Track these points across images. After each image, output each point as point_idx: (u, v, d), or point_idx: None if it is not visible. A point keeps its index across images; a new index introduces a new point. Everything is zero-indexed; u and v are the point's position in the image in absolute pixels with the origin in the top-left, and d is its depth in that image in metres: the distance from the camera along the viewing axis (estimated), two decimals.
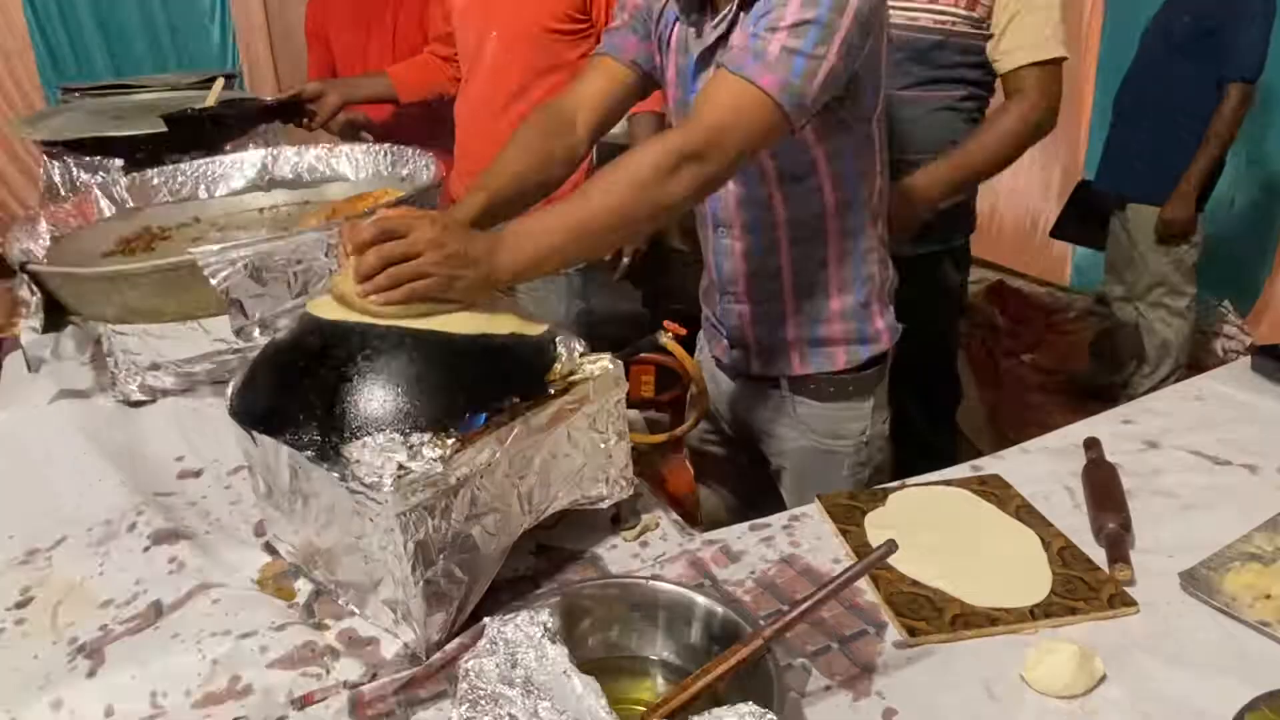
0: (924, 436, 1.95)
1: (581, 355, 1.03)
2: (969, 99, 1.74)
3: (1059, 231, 3.44)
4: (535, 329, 1.02)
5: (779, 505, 1.54)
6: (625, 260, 2.27)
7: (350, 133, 2.56)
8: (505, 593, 1.01)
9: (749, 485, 1.63)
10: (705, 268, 1.45)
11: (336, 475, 0.87)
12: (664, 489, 1.71)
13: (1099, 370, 3.31)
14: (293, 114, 2.23)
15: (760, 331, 1.38)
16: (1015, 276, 4.26)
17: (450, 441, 0.88)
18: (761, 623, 0.83)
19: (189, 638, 0.93)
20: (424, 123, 2.45)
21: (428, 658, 0.91)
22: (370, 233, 0.96)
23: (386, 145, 1.85)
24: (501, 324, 1.00)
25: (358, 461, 0.87)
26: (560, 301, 2.17)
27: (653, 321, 3.86)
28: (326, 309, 1.00)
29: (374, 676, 0.90)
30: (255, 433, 0.96)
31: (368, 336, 0.93)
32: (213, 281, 1.23)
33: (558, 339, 1.04)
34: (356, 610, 0.98)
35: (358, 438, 0.88)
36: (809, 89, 1.06)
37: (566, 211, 1.02)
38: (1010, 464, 1.24)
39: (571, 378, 1.01)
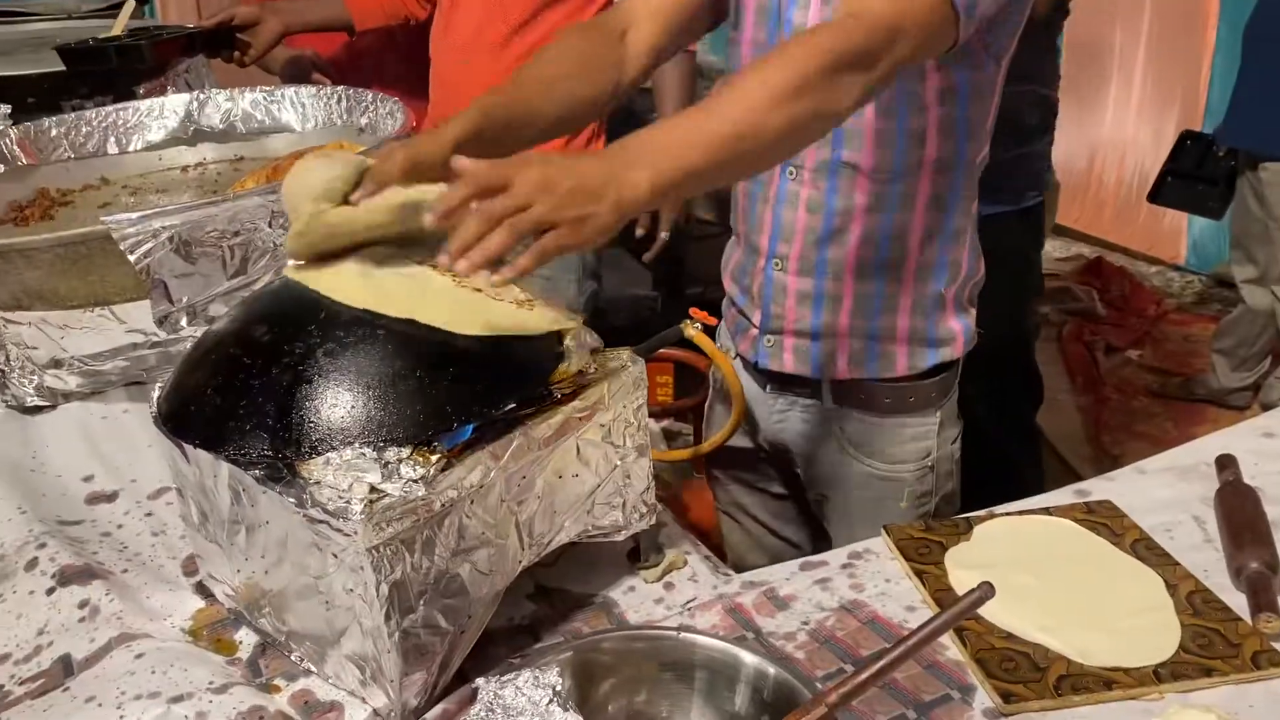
0: (997, 447, 1.96)
1: (594, 351, 1.04)
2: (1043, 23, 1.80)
3: (1158, 194, 3.43)
4: (540, 317, 1.02)
5: (821, 539, 1.54)
6: (663, 235, 2.28)
7: (294, 73, 2.56)
8: (499, 646, 1.02)
9: (784, 516, 1.63)
10: (738, 233, 1.44)
11: (291, 500, 0.87)
12: (686, 518, 1.71)
13: (1224, 370, 3.31)
14: (221, 45, 2.23)
15: (806, 314, 1.37)
16: (1117, 252, 4.27)
17: (434, 458, 0.88)
18: (819, 686, 0.83)
19: (108, 702, 0.93)
20: (387, 60, 2.45)
21: None
22: (461, 193, 0.92)
23: (340, 89, 1.85)
24: (495, 311, 1.00)
25: (318, 483, 0.87)
26: (571, 282, 2.17)
27: (665, 308, 3.87)
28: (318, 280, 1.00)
29: None
30: (188, 446, 0.96)
31: (330, 326, 0.94)
32: (130, 258, 1.24)
33: (565, 330, 1.04)
34: (314, 668, 0.99)
35: (318, 453, 0.88)
36: None
37: (704, 122, 1.00)
38: (1124, 487, 1.24)
39: (582, 379, 1.01)
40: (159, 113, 1.90)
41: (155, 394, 1.03)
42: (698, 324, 1.33)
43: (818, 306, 1.36)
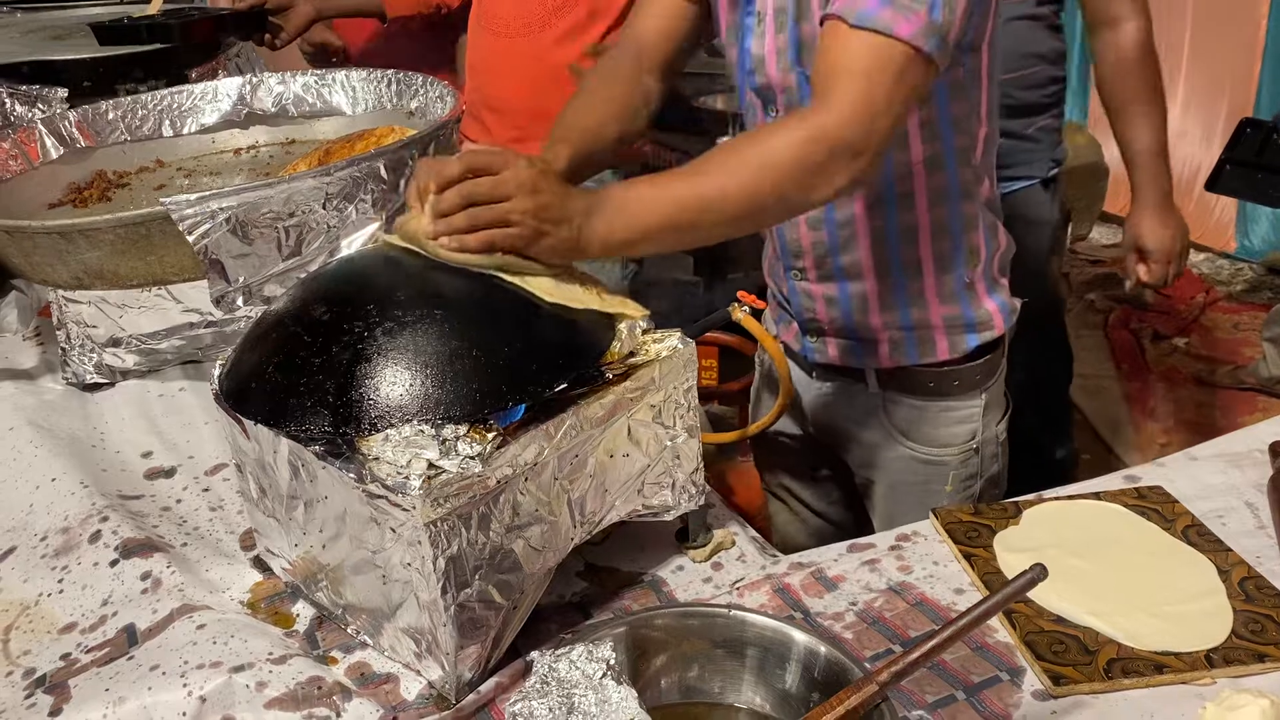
0: (1029, 419, 1.96)
1: (645, 332, 1.04)
2: (1047, 3, 1.85)
3: (1216, 183, 3.37)
4: (593, 299, 1.03)
5: (867, 521, 1.55)
6: None
7: (321, 59, 2.58)
8: (549, 622, 1.03)
9: (829, 498, 1.64)
10: (768, 235, 1.45)
11: (351, 475, 0.89)
12: (731, 500, 1.72)
13: (1275, 359, 3.26)
14: (253, 27, 2.25)
15: (837, 316, 1.38)
16: None
17: (490, 436, 0.89)
18: (868, 666, 0.83)
19: (171, 671, 0.96)
20: (419, 49, 2.46)
21: (458, 700, 0.93)
22: (457, 167, 1.00)
23: (391, 72, 1.86)
24: (551, 290, 1.02)
25: (377, 459, 0.88)
26: (615, 263, 2.18)
27: (707, 293, 3.87)
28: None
29: None
30: (249, 422, 0.98)
31: (388, 306, 0.95)
32: (189, 239, 1.26)
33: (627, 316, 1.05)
34: (369, 641, 1.01)
35: (378, 430, 0.90)
36: (952, 20, 1.06)
37: (678, 187, 1.03)
38: (1175, 472, 1.23)
39: (632, 360, 1.02)
40: (212, 96, 1.92)
41: (216, 371, 1.06)
42: (745, 307, 1.33)
43: (846, 308, 1.37)
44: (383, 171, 1.36)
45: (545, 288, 1.01)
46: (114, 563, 1.12)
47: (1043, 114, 1.95)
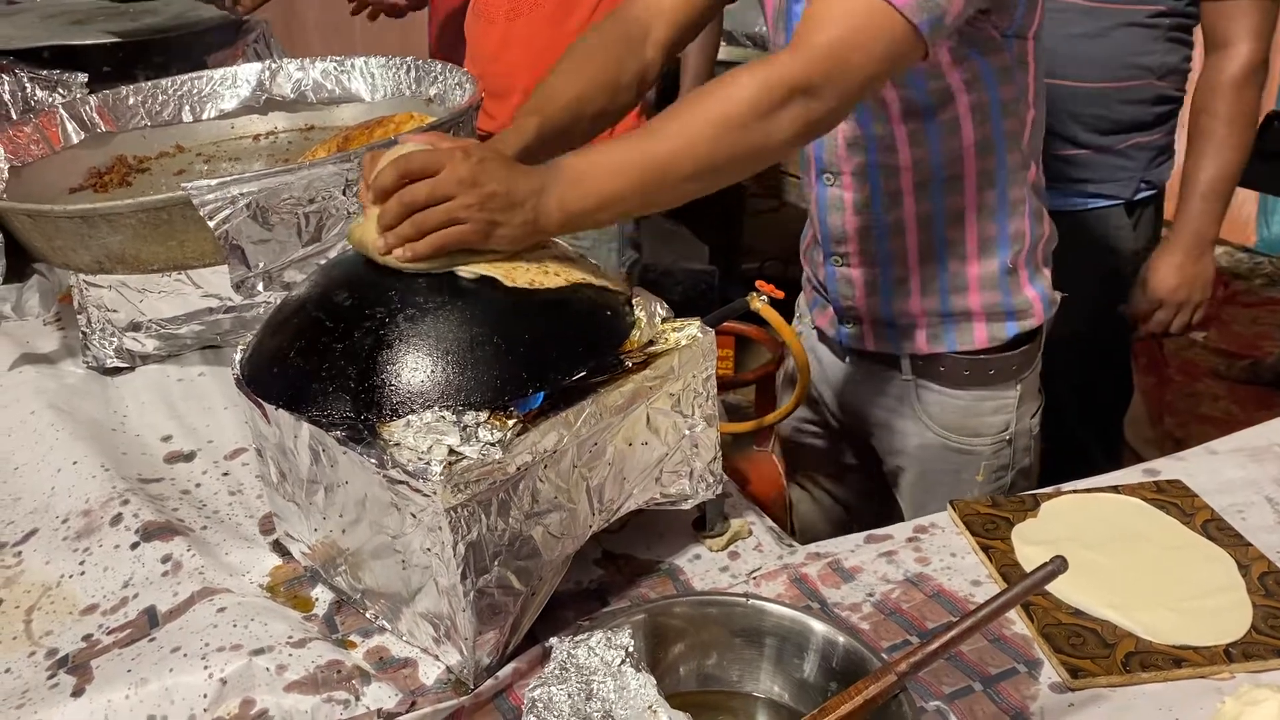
0: (1078, 440, 1.93)
1: (664, 321, 1.05)
2: (1165, 15, 1.71)
3: (1242, 177, 3.36)
4: (609, 285, 1.03)
5: (891, 514, 1.55)
6: None
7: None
8: (567, 609, 1.04)
9: (855, 488, 1.64)
10: (809, 219, 1.45)
11: (372, 461, 0.89)
12: (747, 490, 1.72)
13: None
14: None
15: (876, 303, 1.38)
16: None
17: (511, 423, 0.89)
18: (885, 656, 0.84)
19: (192, 652, 0.97)
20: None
21: (476, 685, 0.94)
22: (390, 176, 0.97)
23: (410, 58, 1.86)
24: (563, 277, 1.02)
25: (398, 444, 0.89)
26: (610, 252, 2.18)
27: (721, 283, 3.85)
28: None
29: (413, 705, 0.93)
30: (270, 407, 0.98)
31: (410, 292, 0.95)
32: (210, 223, 1.27)
33: (635, 299, 1.05)
34: (388, 626, 1.01)
35: (399, 415, 0.90)
36: (949, 5, 1.04)
37: (634, 150, 1.01)
38: (1194, 466, 1.23)
39: (652, 348, 1.02)
40: (232, 82, 1.93)
41: (237, 356, 1.06)
42: (764, 296, 1.33)
43: (886, 295, 1.36)
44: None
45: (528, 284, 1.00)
46: (135, 545, 1.13)
47: (1139, 132, 1.81)
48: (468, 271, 0.98)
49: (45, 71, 2.10)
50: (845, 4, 1.03)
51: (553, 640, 0.86)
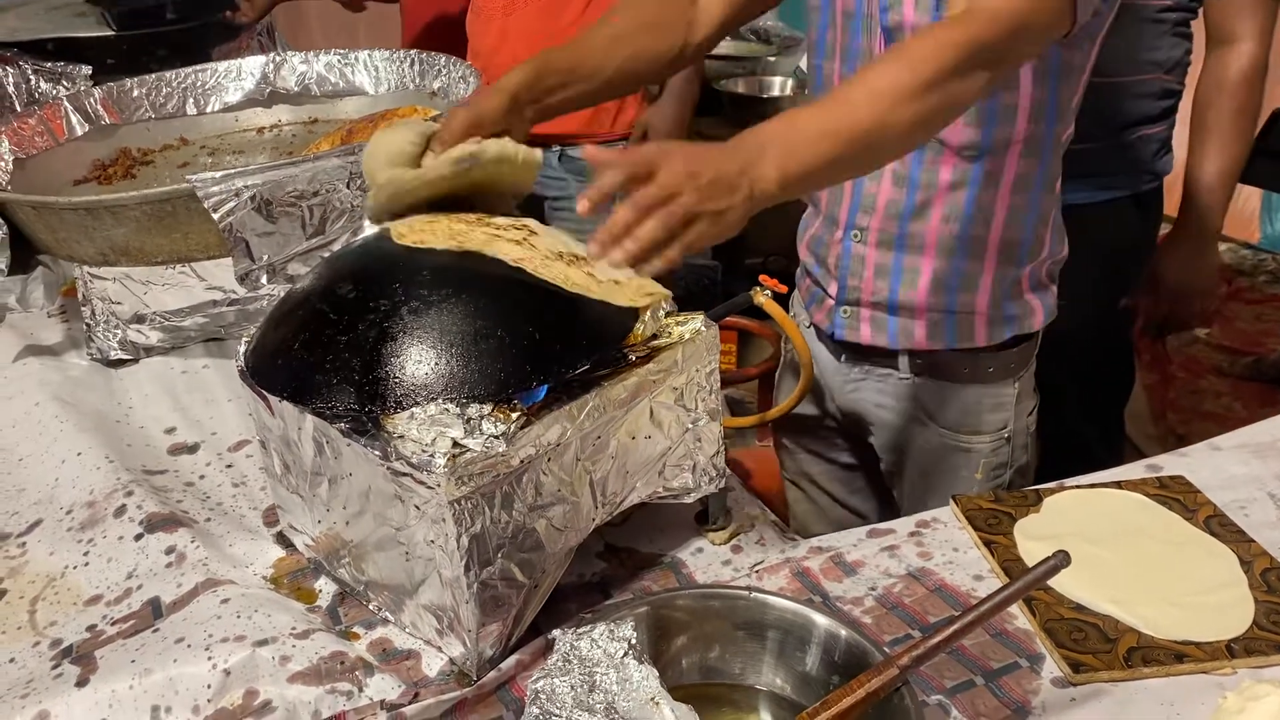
0: (1080, 435, 1.93)
1: (667, 314, 1.05)
2: (1171, 9, 1.72)
3: (1246, 173, 3.35)
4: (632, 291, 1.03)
5: (888, 510, 1.55)
6: None
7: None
8: (570, 601, 1.04)
9: (853, 486, 1.64)
10: (817, 204, 1.44)
11: (376, 453, 0.89)
12: (749, 484, 1.72)
13: None
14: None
15: (884, 287, 1.36)
16: None
17: (514, 416, 0.90)
18: (888, 650, 0.84)
19: (196, 643, 0.97)
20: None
21: (479, 677, 0.94)
22: (612, 179, 0.92)
23: (414, 52, 1.87)
24: (569, 275, 1.02)
25: (402, 437, 0.89)
26: None
27: (725, 278, 3.83)
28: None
29: (415, 697, 0.93)
30: (274, 399, 0.99)
31: (414, 285, 0.96)
32: (214, 216, 1.27)
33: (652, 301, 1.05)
34: (391, 617, 1.02)
35: (403, 408, 0.90)
36: None
37: (835, 119, 0.99)
38: (1196, 462, 1.23)
39: (655, 342, 1.02)
40: (236, 75, 1.93)
41: (241, 348, 1.06)
42: (767, 291, 1.33)
43: (895, 280, 1.35)
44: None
45: (569, 279, 1.01)
46: (139, 537, 1.13)
47: (1146, 125, 1.82)
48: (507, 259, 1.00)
49: (50, 64, 2.11)
50: None
51: (556, 632, 0.86)
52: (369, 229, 1.32)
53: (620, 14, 1.26)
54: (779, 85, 3.40)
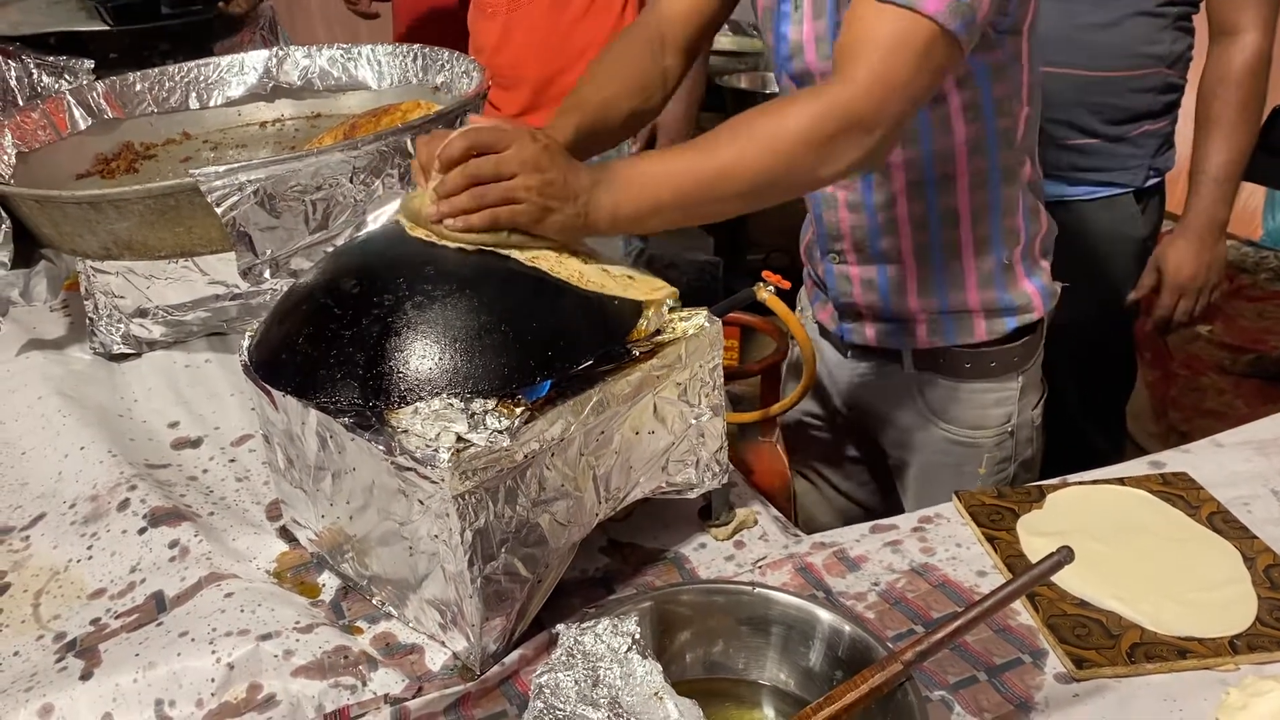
0: (1081, 430, 1.93)
1: (671, 310, 1.05)
2: (1171, 4, 1.72)
3: (1248, 170, 3.35)
4: (619, 284, 1.03)
5: (895, 506, 1.55)
6: None
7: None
8: (573, 596, 1.04)
9: (858, 480, 1.64)
10: (808, 216, 1.45)
11: (380, 447, 0.89)
12: (751, 480, 1.72)
13: None
14: None
15: (875, 299, 1.38)
16: None
17: (518, 410, 0.90)
18: (891, 645, 0.84)
19: (200, 637, 0.97)
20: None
21: (483, 671, 0.94)
22: (459, 146, 0.99)
23: (417, 47, 1.86)
24: (572, 268, 1.02)
25: (406, 431, 0.89)
26: (616, 243, 2.19)
27: (726, 274, 3.84)
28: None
29: (419, 691, 0.93)
30: (278, 393, 0.99)
31: (418, 280, 0.96)
32: (217, 210, 1.27)
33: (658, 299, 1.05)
34: (394, 612, 1.02)
35: (407, 402, 0.90)
36: (979, 2, 1.04)
37: (686, 163, 1.02)
38: (1200, 459, 1.23)
39: (659, 338, 1.02)
40: (239, 69, 1.93)
41: (245, 343, 1.06)
42: (770, 286, 1.33)
43: (884, 292, 1.37)
44: (409, 146, 1.37)
45: (584, 276, 1.01)
46: (142, 530, 1.13)
47: (1149, 120, 1.82)
48: (523, 256, 1.01)
49: (52, 58, 2.11)
50: (885, 24, 1.02)
51: (559, 627, 0.86)
52: (372, 224, 1.32)
53: (602, 81, 1.28)
54: None
